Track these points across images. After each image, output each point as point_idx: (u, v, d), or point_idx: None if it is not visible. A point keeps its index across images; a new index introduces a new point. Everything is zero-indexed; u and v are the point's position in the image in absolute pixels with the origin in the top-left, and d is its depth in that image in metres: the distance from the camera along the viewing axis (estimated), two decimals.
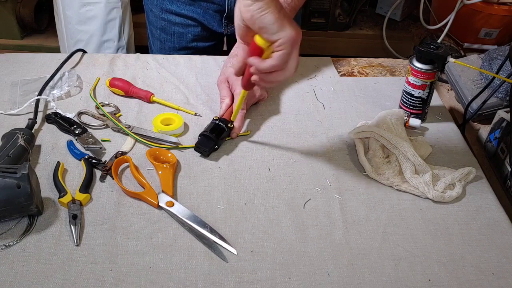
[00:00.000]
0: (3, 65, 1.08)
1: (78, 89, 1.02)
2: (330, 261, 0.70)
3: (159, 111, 0.97)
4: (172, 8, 1.18)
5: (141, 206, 0.77)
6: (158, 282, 0.66)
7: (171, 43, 1.24)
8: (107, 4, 1.70)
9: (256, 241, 0.72)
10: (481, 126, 1.05)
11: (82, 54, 1.13)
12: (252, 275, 0.68)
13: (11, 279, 0.65)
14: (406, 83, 0.95)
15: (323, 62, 1.16)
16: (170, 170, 0.82)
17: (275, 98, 1.03)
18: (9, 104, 0.96)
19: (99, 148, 0.86)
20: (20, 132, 0.84)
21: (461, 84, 1.09)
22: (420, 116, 0.97)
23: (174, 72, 1.09)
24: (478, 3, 1.46)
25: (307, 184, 0.82)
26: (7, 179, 0.68)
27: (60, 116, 0.92)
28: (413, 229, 0.76)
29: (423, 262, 0.71)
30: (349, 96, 1.04)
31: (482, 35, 1.51)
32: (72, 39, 1.76)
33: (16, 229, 0.72)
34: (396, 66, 1.17)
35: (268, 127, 0.95)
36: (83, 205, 0.76)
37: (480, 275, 0.70)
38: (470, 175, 0.84)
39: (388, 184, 0.83)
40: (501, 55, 1.06)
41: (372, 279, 0.68)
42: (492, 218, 0.78)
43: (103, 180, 0.81)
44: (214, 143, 0.87)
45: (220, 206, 0.78)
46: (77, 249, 0.70)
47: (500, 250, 0.73)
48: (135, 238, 0.72)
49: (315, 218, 0.76)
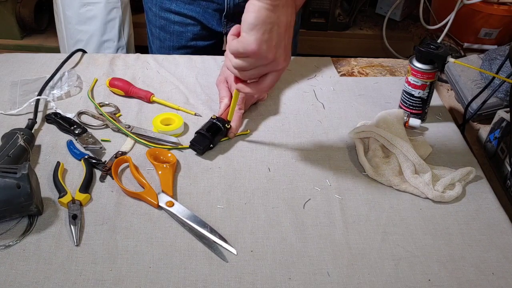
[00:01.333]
0: (3, 65, 1.08)
1: (78, 89, 1.02)
2: (330, 261, 0.70)
3: (159, 111, 0.97)
4: (171, 7, 1.18)
5: (141, 206, 0.77)
6: (158, 282, 0.66)
7: (171, 42, 1.24)
8: (107, 4, 1.70)
9: (256, 241, 0.72)
10: (481, 126, 1.05)
11: (82, 54, 1.13)
12: (252, 275, 0.68)
13: (11, 279, 0.66)
14: (406, 83, 0.95)
15: (323, 62, 1.16)
16: (170, 170, 0.82)
17: (275, 98, 1.03)
18: (9, 104, 0.96)
19: (99, 148, 0.86)
20: (20, 132, 0.84)
21: (461, 84, 1.09)
22: (420, 116, 0.97)
23: (174, 72, 1.09)
24: (478, 3, 1.46)
25: (307, 184, 0.82)
26: (7, 179, 0.68)
27: (60, 116, 0.92)
28: (413, 229, 0.76)
29: (423, 262, 0.71)
30: (349, 96, 1.04)
31: (482, 35, 1.51)
32: (72, 39, 1.76)
33: (16, 229, 0.72)
34: (396, 66, 1.17)
35: (268, 127, 0.95)
36: (83, 205, 0.76)
37: (480, 275, 0.70)
38: (470, 175, 0.84)
39: (388, 184, 0.83)
40: (501, 55, 1.06)
41: (372, 279, 0.68)
42: (492, 218, 0.78)
43: (103, 180, 0.81)
44: (209, 142, 0.87)
45: (220, 206, 0.78)
46: (77, 249, 0.70)
47: (500, 250, 0.73)
48: (135, 238, 0.72)
49: (315, 218, 0.76)
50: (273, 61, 0.70)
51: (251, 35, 0.67)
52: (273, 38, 0.68)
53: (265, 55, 0.69)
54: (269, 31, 0.68)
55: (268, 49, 0.68)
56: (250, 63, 0.70)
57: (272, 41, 0.68)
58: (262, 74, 0.73)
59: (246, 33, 0.68)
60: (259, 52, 0.68)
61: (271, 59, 0.70)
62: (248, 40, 0.68)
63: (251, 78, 0.74)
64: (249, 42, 0.68)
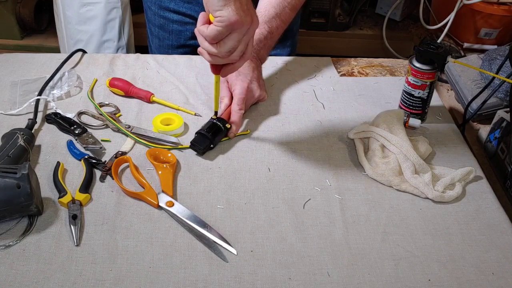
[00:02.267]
0: (3, 65, 1.08)
1: (78, 89, 1.02)
2: (330, 261, 0.70)
3: (159, 111, 0.97)
4: (170, 6, 1.18)
5: (141, 206, 0.77)
6: (158, 282, 0.66)
7: (170, 40, 1.24)
8: (107, 4, 1.70)
9: (256, 241, 0.72)
10: (481, 126, 1.05)
11: (82, 54, 1.13)
12: (252, 275, 0.68)
13: (11, 279, 0.66)
14: (406, 83, 0.95)
15: (323, 62, 1.16)
16: (170, 170, 0.82)
17: (275, 98, 1.03)
18: (9, 104, 0.96)
19: (99, 148, 0.86)
20: (20, 132, 0.84)
21: (461, 84, 1.09)
22: (420, 116, 0.97)
23: (174, 72, 1.09)
24: (478, 3, 1.46)
25: (307, 184, 0.82)
26: (7, 179, 0.68)
27: (60, 116, 0.92)
28: (413, 229, 0.76)
29: (423, 262, 0.71)
30: (349, 96, 1.04)
31: (482, 35, 1.51)
32: (72, 39, 1.76)
33: (16, 229, 0.72)
34: (396, 66, 1.17)
35: (268, 127, 0.95)
36: (83, 205, 0.76)
37: (480, 275, 0.70)
38: (470, 175, 0.84)
39: (388, 184, 0.83)
40: (501, 55, 1.06)
41: (372, 279, 0.68)
42: (492, 218, 0.78)
43: (103, 180, 0.81)
44: (209, 142, 0.87)
45: (220, 206, 0.78)
46: (77, 249, 0.70)
47: (500, 250, 0.73)
48: (135, 238, 0.72)
49: (315, 218, 0.76)
50: (252, 23, 0.71)
51: (227, 9, 0.67)
52: (242, 2, 0.69)
53: (245, 21, 0.69)
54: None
55: (245, 13, 0.69)
56: (236, 37, 0.71)
57: (243, 5, 0.69)
58: (246, 44, 0.74)
59: (220, 10, 0.68)
60: (241, 20, 0.69)
61: (249, 22, 0.71)
62: (227, 14, 0.68)
63: (239, 54, 0.74)
64: (229, 15, 0.68)
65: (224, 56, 0.73)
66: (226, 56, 0.73)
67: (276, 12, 1.01)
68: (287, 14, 1.03)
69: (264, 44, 1.01)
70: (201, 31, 0.72)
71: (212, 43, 0.72)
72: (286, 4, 1.02)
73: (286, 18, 1.03)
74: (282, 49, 1.23)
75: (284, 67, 1.13)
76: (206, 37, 0.71)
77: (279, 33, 1.04)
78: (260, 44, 1.00)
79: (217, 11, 0.68)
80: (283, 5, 1.02)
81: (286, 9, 1.02)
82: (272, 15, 1.01)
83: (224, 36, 0.70)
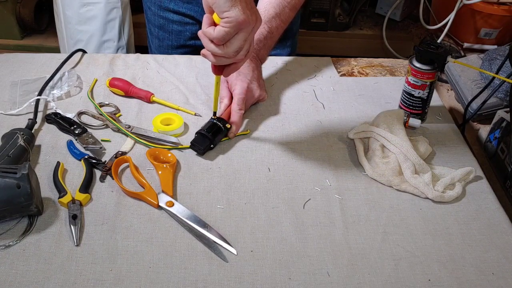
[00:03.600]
0: (3, 65, 1.08)
1: (78, 89, 1.02)
2: (330, 261, 0.70)
3: (159, 111, 0.97)
4: (170, 6, 1.18)
5: (141, 206, 0.77)
6: (158, 282, 0.66)
7: (169, 41, 1.24)
8: (107, 4, 1.70)
9: (256, 241, 0.72)
10: (481, 126, 1.05)
11: (82, 54, 1.13)
12: (252, 275, 0.68)
13: (11, 279, 0.66)
14: (406, 83, 0.95)
15: (323, 62, 1.16)
16: (170, 170, 0.82)
17: (275, 98, 1.03)
18: (9, 104, 0.96)
19: (99, 148, 0.86)
20: (20, 132, 0.84)
21: (461, 84, 1.09)
22: (420, 116, 0.97)
23: (174, 72, 1.09)
24: (478, 3, 1.46)
25: (307, 184, 0.82)
26: (7, 179, 0.68)
27: (60, 116, 0.92)
28: (413, 229, 0.76)
29: (423, 262, 0.71)
30: (349, 96, 1.04)
31: (482, 35, 1.51)
32: (72, 39, 1.75)
33: (16, 229, 0.72)
34: (396, 66, 1.17)
35: (268, 127, 0.95)
36: (83, 205, 0.76)
37: (480, 275, 0.70)
38: (470, 175, 0.84)
39: (388, 184, 0.83)
40: (501, 55, 1.06)
41: (372, 279, 0.68)
42: (492, 218, 0.78)
43: (103, 180, 0.81)
44: (210, 142, 0.87)
45: (220, 206, 0.78)
46: (77, 249, 0.70)
47: (500, 250, 0.73)
48: (135, 238, 0.72)
49: (315, 218, 0.76)
50: (256, 21, 0.72)
51: (234, 9, 0.68)
52: (247, 2, 0.69)
53: (251, 20, 0.70)
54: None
55: (251, 12, 0.70)
56: (243, 37, 0.71)
57: (248, 4, 0.69)
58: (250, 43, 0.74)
59: (228, 11, 0.68)
60: (248, 20, 0.69)
61: (255, 21, 0.71)
62: (234, 14, 0.68)
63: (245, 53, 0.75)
64: (237, 15, 0.68)
65: (230, 56, 0.73)
66: (232, 56, 0.73)
67: (276, 12, 1.01)
68: (287, 14, 1.03)
69: (264, 44, 1.01)
70: (208, 33, 0.71)
71: (219, 45, 0.72)
72: (286, 4, 1.02)
73: (286, 18, 1.03)
74: (282, 49, 1.23)
75: (284, 67, 1.13)
76: (214, 39, 0.71)
77: (279, 33, 1.04)
78: (260, 44, 1.00)
79: (224, 12, 0.68)
80: (283, 5, 1.02)
81: (286, 9, 1.02)
82: (272, 15, 1.01)
83: (231, 37, 0.71)
